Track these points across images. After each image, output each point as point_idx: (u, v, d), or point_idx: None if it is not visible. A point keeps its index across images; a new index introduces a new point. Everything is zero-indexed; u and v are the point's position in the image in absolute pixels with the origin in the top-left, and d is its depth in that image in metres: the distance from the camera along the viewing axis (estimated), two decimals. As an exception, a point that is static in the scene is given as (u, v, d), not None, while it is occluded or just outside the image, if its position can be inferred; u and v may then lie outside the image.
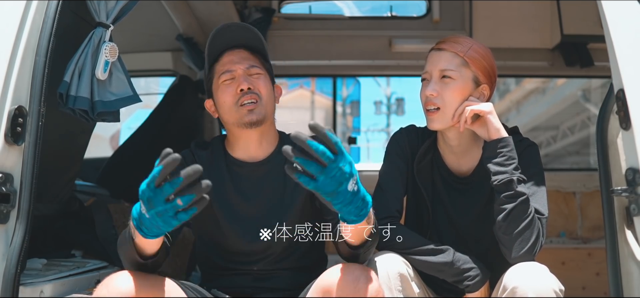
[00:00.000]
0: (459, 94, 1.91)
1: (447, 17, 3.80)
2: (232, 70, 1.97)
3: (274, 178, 1.98)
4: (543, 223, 1.84)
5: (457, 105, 1.90)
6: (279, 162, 1.99)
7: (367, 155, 18.88)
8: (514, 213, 1.79)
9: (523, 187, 1.83)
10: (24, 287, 1.80)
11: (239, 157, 2.01)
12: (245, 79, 1.95)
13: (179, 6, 3.40)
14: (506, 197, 1.80)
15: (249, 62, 1.99)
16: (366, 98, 18.60)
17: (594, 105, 11.15)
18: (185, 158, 1.98)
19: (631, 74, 1.66)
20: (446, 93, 1.90)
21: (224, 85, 1.97)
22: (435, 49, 1.97)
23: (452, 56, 1.93)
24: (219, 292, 1.96)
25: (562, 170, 6.87)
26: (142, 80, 5.43)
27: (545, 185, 1.92)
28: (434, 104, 1.91)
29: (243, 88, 1.93)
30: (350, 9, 5.23)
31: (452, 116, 1.91)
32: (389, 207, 1.94)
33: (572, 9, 3.53)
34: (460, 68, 1.92)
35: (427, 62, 1.97)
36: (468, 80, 1.93)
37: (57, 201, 2.46)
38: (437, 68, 1.92)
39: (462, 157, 2.01)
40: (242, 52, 2.00)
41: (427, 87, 1.93)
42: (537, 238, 1.80)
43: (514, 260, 1.80)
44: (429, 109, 1.92)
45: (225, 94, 1.96)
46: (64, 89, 1.93)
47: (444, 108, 1.90)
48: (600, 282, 3.63)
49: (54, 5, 1.79)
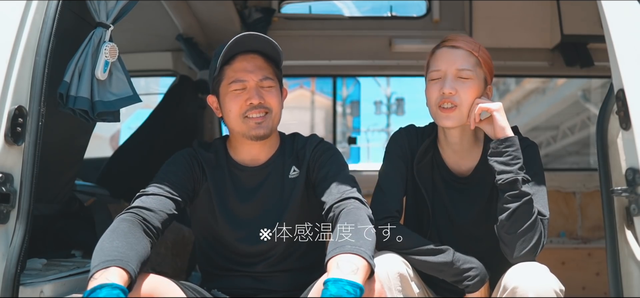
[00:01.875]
0: (474, 93, 1.91)
1: (447, 17, 3.80)
2: (244, 80, 1.91)
3: (274, 180, 1.98)
4: (545, 224, 1.84)
5: (471, 104, 1.90)
6: (279, 164, 1.99)
7: (367, 155, 18.87)
8: (518, 212, 1.79)
9: (527, 187, 1.83)
10: (24, 287, 1.80)
11: (241, 160, 2.00)
12: (257, 93, 1.90)
13: (179, 6, 3.40)
14: (511, 196, 1.80)
15: (263, 72, 1.93)
16: (366, 98, 18.62)
17: (594, 105, 11.15)
18: (191, 157, 1.97)
19: (631, 74, 1.66)
20: (463, 92, 1.90)
21: (234, 93, 1.92)
22: (448, 47, 1.95)
23: (467, 55, 1.92)
24: (218, 292, 1.96)
25: (562, 170, 6.87)
26: (142, 80, 5.43)
27: (546, 185, 1.92)
28: (452, 102, 1.89)
29: (254, 102, 1.90)
30: (350, 9, 5.23)
31: (466, 115, 1.91)
32: (388, 207, 1.94)
33: (572, 9, 3.53)
34: (476, 68, 1.92)
35: (440, 60, 1.94)
36: (481, 79, 1.93)
37: (57, 201, 2.46)
38: (454, 66, 1.91)
39: (462, 157, 2.01)
40: (257, 59, 1.94)
41: (443, 85, 1.91)
42: (539, 239, 1.80)
43: (515, 259, 1.80)
44: (445, 106, 1.90)
45: (233, 103, 1.92)
46: (64, 89, 1.92)
47: (461, 106, 1.90)
48: (600, 282, 3.63)
49: (54, 5, 1.79)
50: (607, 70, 1.77)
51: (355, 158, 8.07)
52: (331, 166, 1.93)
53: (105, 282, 1.49)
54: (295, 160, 1.99)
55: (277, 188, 1.97)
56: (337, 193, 1.84)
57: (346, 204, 1.79)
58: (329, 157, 1.97)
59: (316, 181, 1.93)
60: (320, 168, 1.94)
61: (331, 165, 1.94)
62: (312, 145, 1.99)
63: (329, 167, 1.93)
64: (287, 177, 1.98)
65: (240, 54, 1.93)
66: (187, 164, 1.96)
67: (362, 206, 1.79)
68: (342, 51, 3.93)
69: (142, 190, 1.87)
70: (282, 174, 1.99)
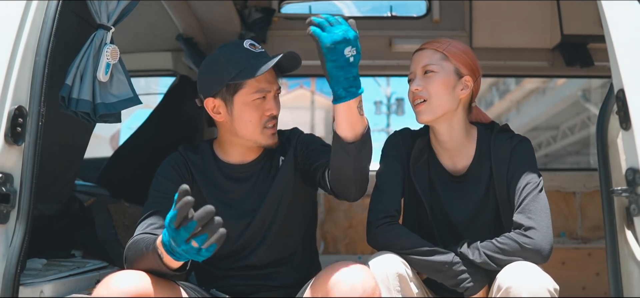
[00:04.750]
0: (442, 84, 1.97)
1: (447, 17, 3.80)
2: (268, 91, 1.94)
3: (264, 171, 2.01)
4: (531, 236, 1.81)
5: (442, 95, 1.97)
6: (268, 158, 2.03)
7: (367, 155, 18.85)
8: (503, 258, 1.81)
9: (523, 186, 1.86)
10: (24, 287, 1.80)
11: (231, 161, 2.02)
12: (277, 104, 1.96)
13: (179, 6, 3.39)
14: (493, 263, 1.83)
15: (277, 82, 1.99)
16: (366, 98, 18.58)
17: (594, 105, 11.17)
18: (177, 163, 1.98)
19: (631, 74, 1.66)
20: (430, 86, 1.97)
21: (256, 103, 1.92)
22: (417, 51, 2.06)
23: (432, 52, 2.01)
24: (218, 292, 1.96)
25: (562, 170, 6.87)
26: (142, 80, 5.43)
27: (541, 183, 1.91)
28: (421, 97, 1.98)
29: (274, 113, 1.94)
30: (350, 9, 5.24)
31: (439, 107, 1.96)
32: (387, 207, 1.95)
33: (572, 9, 3.53)
34: (441, 62, 1.99)
35: (411, 64, 2.05)
36: (450, 72, 1.99)
37: (57, 201, 2.46)
38: (420, 65, 2.01)
39: (456, 155, 2.03)
40: (272, 70, 1.95)
41: (412, 85, 2.01)
42: (532, 251, 1.80)
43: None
44: (417, 102, 1.99)
45: (255, 113, 1.93)
46: (66, 92, 1.93)
47: (430, 99, 1.97)
48: (600, 282, 3.63)
49: (54, 5, 1.79)
50: (607, 70, 1.77)
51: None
52: (317, 143, 2.03)
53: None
54: (281, 151, 2.04)
55: (268, 175, 2.01)
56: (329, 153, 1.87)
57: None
58: (313, 139, 2.05)
59: (305, 159, 1.99)
60: (306, 147, 2.01)
61: (316, 143, 2.02)
62: (296, 135, 2.07)
63: (315, 144, 2.02)
64: (276, 166, 2.02)
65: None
66: (176, 174, 1.97)
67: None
68: (342, 51, 3.92)
69: (141, 220, 1.87)
70: (270, 166, 2.03)
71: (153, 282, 1.66)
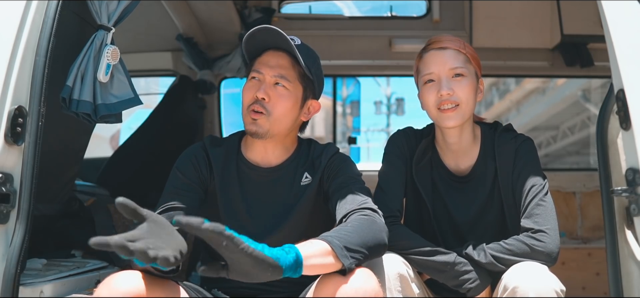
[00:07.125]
0: (471, 89, 1.93)
1: (447, 17, 3.81)
2: (261, 73, 1.89)
3: (283, 184, 1.96)
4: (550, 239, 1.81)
5: (471, 100, 1.93)
6: (291, 169, 1.97)
7: (367, 155, 18.90)
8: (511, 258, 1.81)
9: (528, 186, 1.87)
10: (24, 287, 1.80)
11: (252, 159, 1.98)
12: (266, 88, 1.87)
13: (179, 6, 3.40)
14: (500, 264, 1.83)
15: (282, 71, 1.89)
16: (366, 98, 18.65)
17: (594, 105, 11.15)
18: (198, 159, 1.95)
19: (631, 74, 1.66)
20: (460, 90, 1.91)
21: (249, 84, 1.91)
22: (436, 49, 1.96)
23: (456, 53, 1.94)
24: (219, 292, 1.96)
25: (562, 170, 6.87)
26: (142, 80, 5.43)
27: (546, 185, 1.91)
28: (452, 102, 1.91)
29: (258, 96, 1.87)
30: (350, 9, 5.24)
31: (467, 111, 1.93)
32: (389, 206, 1.94)
33: (572, 9, 3.53)
34: (466, 64, 1.94)
35: (430, 63, 1.95)
36: (473, 75, 1.96)
37: (57, 201, 2.46)
38: (446, 67, 1.92)
39: (461, 156, 2.01)
40: (282, 58, 1.90)
41: (439, 88, 1.92)
42: (543, 251, 1.80)
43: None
44: (446, 107, 1.92)
45: (245, 93, 1.91)
46: (67, 94, 1.93)
47: (462, 104, 1.91)
48: (600, 282, 3.63)
49: (54, 5, 1.79)
50: (607, 70, 1.77)
51: (355, 158, 8.02)
52: (347, 176, 1.90)
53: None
54: (309, 167, 1.97)
55: (286, 193, 1.95)
56: (353, 203, 1.80)
57: (361, 212, 1.76)
58: (345, 167, 1.93)
59: (330, 190, 1.90)
60: (335, 178, 1.91)
61: (347, 176, 1.90)
62: (328, 154, 1.96)
63: (345, 177, 1.89)
64: (299, 183, 1.95)
65: (271, 50, 1.92)
66: (194, 170, 1.94)
67: (376, 216, 1.76)
68: (342, 51, 3.93)
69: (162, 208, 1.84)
70: (293, 180, 1.96)
71: (153, 282, 1.66)
